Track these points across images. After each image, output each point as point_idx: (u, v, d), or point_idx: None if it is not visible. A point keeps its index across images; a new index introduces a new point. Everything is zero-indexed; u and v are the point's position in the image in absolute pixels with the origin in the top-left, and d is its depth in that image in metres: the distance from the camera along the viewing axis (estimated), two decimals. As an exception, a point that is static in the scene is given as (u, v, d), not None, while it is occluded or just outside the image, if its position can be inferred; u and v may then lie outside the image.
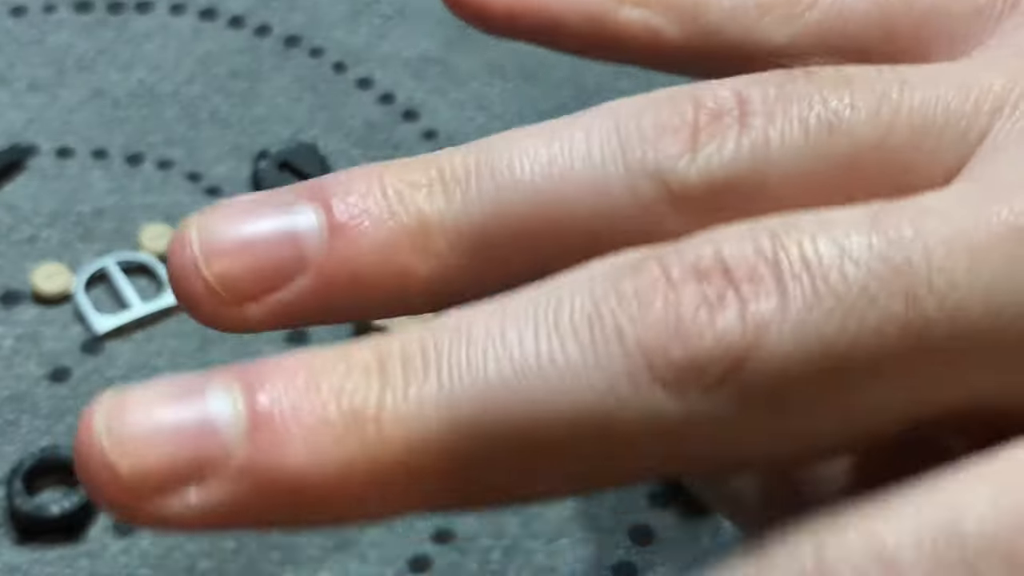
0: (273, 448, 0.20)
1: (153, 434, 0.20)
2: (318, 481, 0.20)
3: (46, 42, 0.66)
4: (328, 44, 0.66)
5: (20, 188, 0.60)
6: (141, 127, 0.62)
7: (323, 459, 0.20)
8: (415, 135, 0.62)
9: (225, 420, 0.20)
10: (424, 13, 0.68)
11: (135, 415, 0.20)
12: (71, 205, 0.59)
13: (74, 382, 0.54)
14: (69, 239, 0.58)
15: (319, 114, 0.63)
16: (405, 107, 0.64)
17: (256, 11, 0.67)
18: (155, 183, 0.60)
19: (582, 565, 0.50)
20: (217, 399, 0.21)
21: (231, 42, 0.66)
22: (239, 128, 0.62)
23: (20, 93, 0.63)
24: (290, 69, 0.65)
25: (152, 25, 0.67)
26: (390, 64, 0.65)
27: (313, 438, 0.20)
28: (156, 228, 0.58)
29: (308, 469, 0.20)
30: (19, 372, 0.54)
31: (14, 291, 0.56)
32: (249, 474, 0.20)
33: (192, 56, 0.65)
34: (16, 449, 0.52)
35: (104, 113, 0.63)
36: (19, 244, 0.58)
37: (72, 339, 0.55)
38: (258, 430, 0.20)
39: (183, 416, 0.20)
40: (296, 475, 0.20)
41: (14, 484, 0.50)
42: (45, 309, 0.56)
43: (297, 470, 0.20)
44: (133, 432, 0.20)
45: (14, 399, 0.53)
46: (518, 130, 0.25)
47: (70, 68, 0.64)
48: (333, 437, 0.21)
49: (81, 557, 0.49)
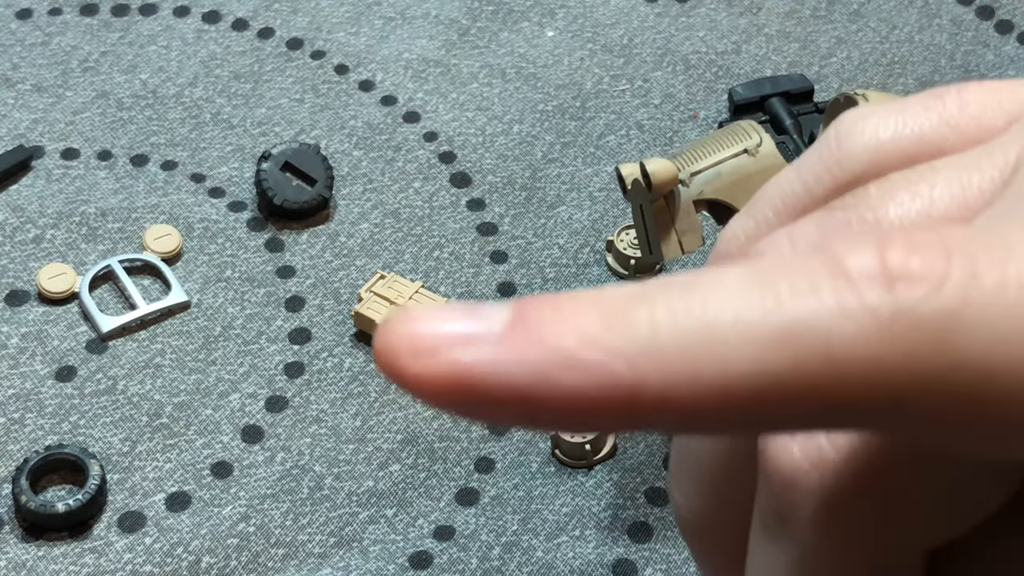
0: (535, 325, 0.23)
1: (437, 316, 0.23)
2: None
3: (51, 44, 0.66)
4: (330, 47, 0.67)
5: (25, 189, 0.60)
6: (145, 128, 0.63)
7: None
8: (416, 136, 0.63)
9: (496, 314, 0.23)
10: (425, 16, 0.68)
11: (419, 310, 0.23)
12: (76, 206, 0.60)
13: (79, 381, 0.54)
14: (74, 239, 0.58)
15: (321, 116, 0.63)
16: (406, 109, 0.64)
17: (259, 14, 0.68)
18: (159, 184, 0.61)
19: (581, 562, 0.50)
20: (494, 309, 0.23)
21: (234, 45, 0.66)
22: (242, 129, 0.63)
23: (25, 94, 0.64)
24: (292, 71, 0.65)
25: (156, 28, 0.67)
26: (391, 66, 0.66)
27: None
28: (160, 228, 0.59)
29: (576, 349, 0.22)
30: (24, 371, 0.54)
31: (20, 291, 0.57)
32: (510, 340, 0.23)
33: (196, 58, 0.66)
34: (22, 447, 0.52)
35: (109, 114, 0.63)
36: (24, 244, 0.58)
37: (77, 338, 0.55)
38: (522, 318, 0.23)
39: (459, 309, 0.23)
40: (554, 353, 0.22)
41: (20, 482, 0.50)
42: (50, 308, 0.56)
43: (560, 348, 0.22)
44: (419, 315, 0.23)
45: (20, 397, 0.54)
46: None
47: (75, 70, 0.65)
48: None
49: (86, 553, 0.50)
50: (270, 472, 0.52)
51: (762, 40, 0.67)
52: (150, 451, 0.52)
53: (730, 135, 0.50)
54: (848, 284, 0.22)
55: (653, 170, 0.47)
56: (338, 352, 0.55)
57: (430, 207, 0.60)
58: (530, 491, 0.52)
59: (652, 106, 0.64)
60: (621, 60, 0.66)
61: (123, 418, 0.53)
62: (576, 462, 0.52)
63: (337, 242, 0.59)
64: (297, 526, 0.51)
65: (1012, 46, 0.67)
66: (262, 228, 0.59)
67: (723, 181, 0.48)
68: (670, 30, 0.68)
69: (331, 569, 0.49)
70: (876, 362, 0.22)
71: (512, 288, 0.58)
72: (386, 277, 0.56)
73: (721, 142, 0.50)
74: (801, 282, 0.23)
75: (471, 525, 0.51)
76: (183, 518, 0.51)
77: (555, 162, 0.62)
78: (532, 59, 0.66)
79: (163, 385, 0.54)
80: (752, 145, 0.49)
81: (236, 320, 0.56)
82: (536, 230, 0.59)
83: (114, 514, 0.51)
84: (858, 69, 0.66)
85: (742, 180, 0.48)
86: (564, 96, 0.65)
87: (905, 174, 0.28)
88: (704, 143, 0.50)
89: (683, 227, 0.48)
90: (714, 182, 0.48)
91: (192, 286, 0.57)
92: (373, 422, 0.53)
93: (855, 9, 0.69)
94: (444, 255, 0.59)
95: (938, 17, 0.69)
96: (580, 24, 0.68)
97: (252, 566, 0.49)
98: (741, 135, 0.49)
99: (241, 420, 0.53)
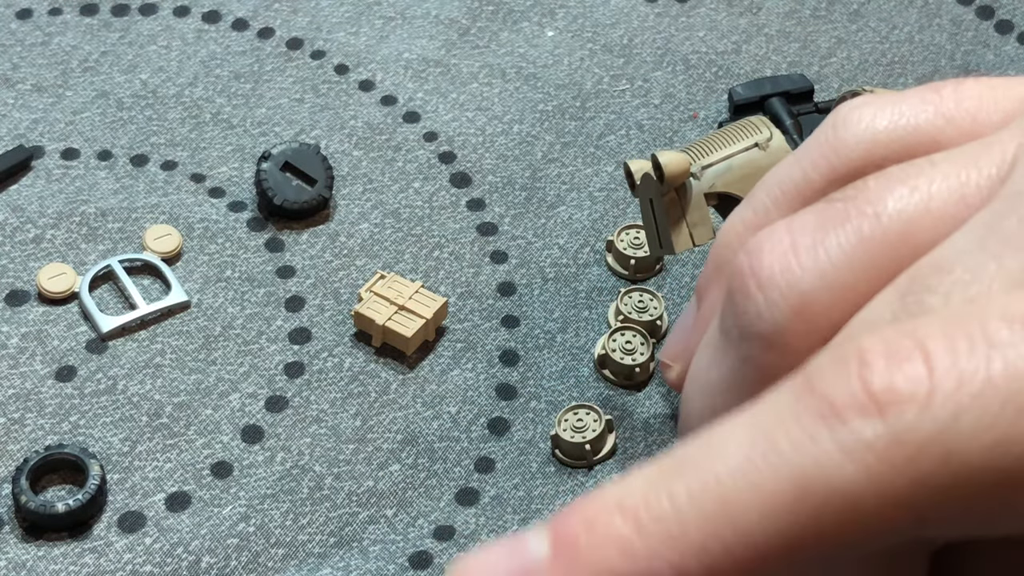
0: (574, 553, 0.24)
1: (487, 568, 0.25)
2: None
3: (51, 44, 0.66)
4: (330, 46, 0.67)
5: (25, 189, 0.60)
6: (145, 128, 0.63)
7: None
8: (416, 136, 0.63)
9: (537, 549, 0.25)
10: (425, 16, 0.68)
11: (472, 563, 0.25)
12: (76, 206, 0.60)
13: (79, 381, 0.54)
14: (74, 239, 0.58)
15: (321, 116, 0.63)
16: (406, 109, 0.64)
17: (259, 14, 0.68)
18: (159, 184, 0.61)
19: (581, 562, 0.50)
20: (533, 539, 0.25)
21: (234, 44, 0.66)
22: (242, 129, 0.63)
23: (25, 94, 0.64)
24: (292, 71, 0.65)
25: (156, 27, 0.67)
26: (391, 66, 0.66)
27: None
28: (160, 228, 0.59)
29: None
30: (24, 371, 0.54)
31: (20, 291, 0.57)
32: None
33: (196, 58, 0.66)
34: (22, 447, 0.52)
35: (109, 114, 0.63)
36: (24, 244, 0.58)
37: (77, 338, 0.55)
38: (560, 546, 0.24)
39: (505, 554, 0.25)
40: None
41: (20, 482, 0.50)
42: (50, 309, 0.56)
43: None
44: (471, 571, 0.25)
45: (20, 397, 0.54)
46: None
47: (75, 70, 0.65)
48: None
49: (86, 554, 0.50)
50: (270, 472, 0.52)
51: (762, 40, 0.67)
52: (150, 451, 0.52)
53: (740, 130, 0.50)
54: (840, 423, 0.23)
55: (666, 162, 0.47)
56: (338, 352, 0.55)
57: (430, 207, 0.60)
58: (530, 491, 0.52)
59: (652, 106, 0.64)
60: (621, 60, 0.66)
61: (123, 418, 0.53)
62: (576, 462, 0.52)
63: (337, 242, 0.59)
64: (297, 526, 0.51)
65: (1012, 46, 0.67)
66: (262, 228, 0.59)
67: (734, 175, 0.48)
68: (670, 30, 0.68)
69: (331, 569, 0.49)
70: (886, 493, 0.22)
71: (512, 288, 0.58)
72: (386, 277, 0.56)
73: (731, 136, 0.50)
74: (797, 433, 0.23)
75: (471, 525, 0.51)
76: (183, 518, 0.51)
77: (555, 162, 0.62)
78: (532, 59, 0.66)
79: (163, 385, 0.54)
80: (763, 139, 0.49)
81: (236, 320, 0.56)
82: (536, 230, 0.59)
83: (114, 514, 0.51)
84: (858, 69, 0.66)
85: (753, 174, 0.48)
86: (564, 96, 0.65)
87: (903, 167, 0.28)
88: (714, 137, 0.50)
89: (694, 219, 0.48)
90: (725, 175, 0.48)
91: (192, 286, 0.57)
92: (373, 422, 0.53)
93: (855, 9, 0.69)
94: (444, 255, 0.59)
95: (938, 17, 0.69)
96: (580, 24, 0.68)
97: (252, 566, 0.49)
98: (751, 130, 0.50)
99: (241, 420, 0.53)
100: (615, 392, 0.55)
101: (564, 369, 0.55)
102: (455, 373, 0.55)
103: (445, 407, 0.54)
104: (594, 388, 0.55)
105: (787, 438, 0.23)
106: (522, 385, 0.55)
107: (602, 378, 0.55)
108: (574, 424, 0.52)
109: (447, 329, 0.56)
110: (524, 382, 0.55)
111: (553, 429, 0.53)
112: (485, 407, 0.54)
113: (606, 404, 0.54)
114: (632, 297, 0.56)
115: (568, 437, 0.52)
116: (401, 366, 0.55)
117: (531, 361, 0.55)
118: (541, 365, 0.55)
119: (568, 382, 0.55)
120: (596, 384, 0.55)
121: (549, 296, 0.57)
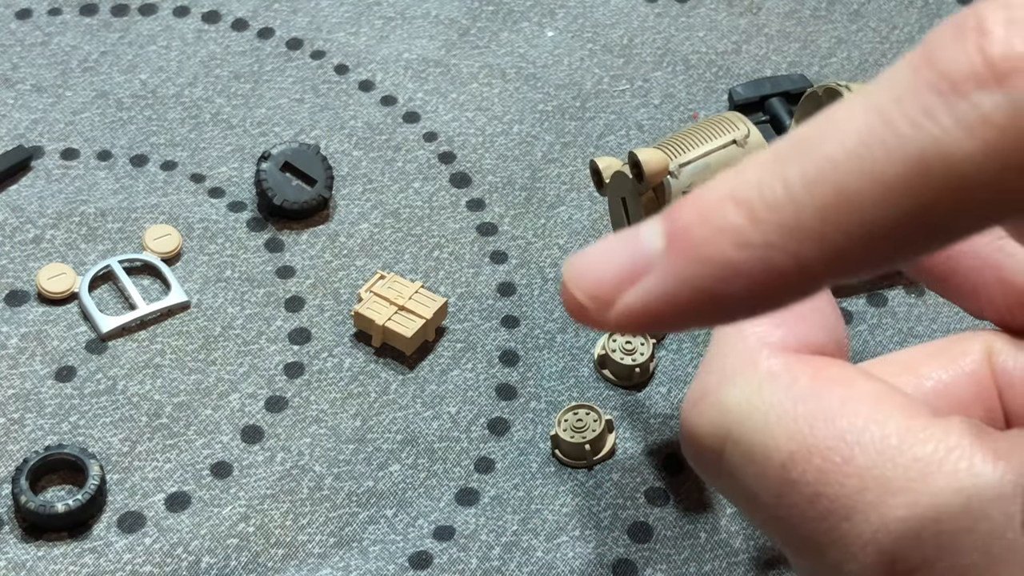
0: (688, 245, 0.24)
1: (602, 261, 0.25)
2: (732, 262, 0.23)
3: (51, 44, 0.66)
4: (330, 47, 0.67)
5: (25, 189, 0.60)
6: (145, 129, 0.63)
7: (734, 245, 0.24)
8: (416, 136, 0.63)
9: (651, 241, 0.25)
10: (425, 16, 0.68)
11: (586, 257, 0.25)
12: (76, 206, 0.60)
13: (79, 381, 0.54)
14: (74, 239, 0.58)
15: (321, 116, 0.63)
16: (406, 109, 0.64)
17: (259, 14, 0.68)
18: (159, 184, 0.61)
19: (581, 562, 0.50)
20: (646, 232, 0.25)
21: (234, 45, 0.66)
22: (242, 129, 0.63)
23: (25, 94, 0.64)
24: (292, 71, 0.65)
25: (156, 28, 0.67)
26: (391, 66, 0.66)
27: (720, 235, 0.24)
28: (160, 228, 0.58)
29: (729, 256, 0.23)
30: (24, 371, 0.54)
31: (19, 291, 0.57)
32: (671, 268, 0.24)
33: (195, 58, 0.66)
34: (21, 447, 0.52)
35: (108, 115, 0.63)
36: (24, 244, 0.58)
37: (77, 338, 0.55)
38: (674, 238, 0.24)
39: (619, 247, 0.25)
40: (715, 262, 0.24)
41: (20, 482, 0.50)
42: (50, 309, 0.56)
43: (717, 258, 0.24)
44: (587, 264, 0.25)
45: (19, 397, 0.54)
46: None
47: (75, 70, 0.65)
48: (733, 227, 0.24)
49: (86, 554, 0.50)
50: (270, 472, 0.52)
51: (762, 40, 0.67)
52: (150, 451, 0.52)
53: (716, 126, 0.49)
54: (958, 97, 0.22)
55: (646, 160, 0.46)
56: (338, 352, 0.55)
57: (430, 207, 0.60)
58: (530, 491, 0.52)
59: (652, 106, 0.64)
60: (621, 60, 0.66)
61: (123, 418, 0.53)
62: (576, 462, 0.52)
63: (337, 242, 0.59)
64: (297, 526, 0.51)
65: (1012, 46, 0.67)
66: (262, 228, 0.59)
67: (712, 172, 0.47)
68: (670, 30, 0.68)
69: (331, 569, 0.49)
70: (1006, 167, 0.22)
71: (512, 288, 0.58)
72: (386, 277, 0.56)
73: (707, 133, 0.49)
74: (915, 111, 0.22)
75: (471, 525, 0.51)
76: (183, 518, 0.51)
77: (555, 162, 0.62)
78: (532, 59, 0.66)
79: (163, 385, 0.54)
80: (740, 136, 0.49)
81: (236, 320, 0.56)
82: (536, 230, 0.59)
83: (114, 514, 0.51)
84: (858, 69, 0.66)
85: None
86: (564, 96, 0.65)
87: None
88: (689, 133, 0.49)
89: None
90: (703, 173, 0.48)
91: (192, 286, 0.57)
92: (373, 422, 0.53)
93: (855, 9, 0.69)
94: (444, 255, 0.59)
95: (938, 17, 0.69)
96: (580, 24, 0.68)
97: (252, 566, 0.49)
98: (728, 126, 0.49)
99: (241, 420, 0.53)
100: (615, 392, 0.55)
101: (564, 369, 0.55)
102: (455, 373, 0.55)
103: (445, 407, 0.54)
104: (594, 388, 0.55)
105: (904, 117, 0.22)
106: (522, 385, 0.55)
107: (602, 378, 0.55)
108: (574, 424, 0.52)
109: (447, 329, 0.56)
110: (524, 382, 0.55)
111: (553, 429, 0.53)
112: (485, 407, 0.54)
113: (606, 404, 0.54)
114: (632, 297, 0.56)
115: (568, 437, 0.52)
116: (401, 366, 0.55)
117: (531, 361, 0.55)
118: (541, 365, 0.55)
119: (568, 382, 0.55)
120: (596, 384, 0.55)
121: (549, 296, 0.57)
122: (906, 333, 0.56)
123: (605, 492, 0.52)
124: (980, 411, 0.33)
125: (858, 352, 0.55)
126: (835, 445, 0.28)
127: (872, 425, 0.28)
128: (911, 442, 0.28)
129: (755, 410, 0.29)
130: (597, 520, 0.51)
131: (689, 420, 0.31)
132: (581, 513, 0.51)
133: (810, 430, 0.28)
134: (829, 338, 0.32)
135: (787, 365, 0.30)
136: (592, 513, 0.51)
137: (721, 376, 0.31)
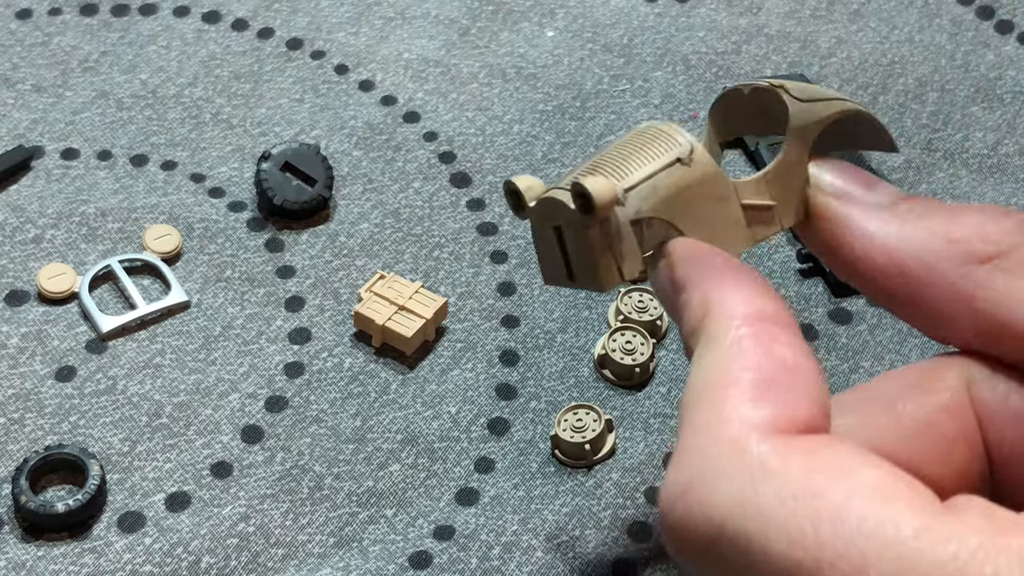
0: None
1: None
2: None
3: (51, 44, 0.66)
4: (330, 47, 0.67)
5: (25, 189, 0.60)
6: (145, 128, 0.63)
7: None
8: (416, 136, 0.63)
9: None
10: (425, 16, 0.68)
11: None
12: (76, 206, 0.60)
13: (79, 381, 0.54)
14: (74, 239, 0.58)
15: (321, 116, 0.63)
16: (406, 109, 0.64)
17: (259, 14, 0.68)
18: (159, 184, 0.61)
19: (581, 562, 0.50)
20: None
21: (234, 45, 0.66)
22: (242, 129, 0.63)
23: (25, 94, 0.64)
24: (292, 71, 0.65)
25: (156, 27, 0.67)
26: (391, 66, 0.66)
27: None
28: (160, 228, 0.59)
29: None
30: (24, 371, 0.54)
31: (19, 291, 0.57)
32: None
33: (196, 58, 0.66)
34: (21, 447, 0.52)
35: (108, 115, 0.63)
36: (24, 244, 0.58)
37: (77, 338, 0.55)
38: None
39: None
40: None
41: (19, 482, 0.50)
42: (50, 309, 0.56)
43: None
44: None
45: (19, 397, 0.54)
46: None
47: (75, 70, 0.65)
48: None
49: (86, 554, 0.50)
50: (270, 472, 0.52)
51: (762, 40, 0.67)
52: (150, 451, 0.52)
53: (652, 142, 0.41)
54: None
55: (595, 190, 0.39)
56: (338, 352, 0.55)
57: (430, 207, 0.60)
58: (530, 491, 0.52)
59: (652, 106, 0.64)
60: (621, 60, 0.66)
61: (123, 418, 0.53)
62: (576, 462, 0.52)
63: (337, 242, 0.59)
64: (297, 526, 0.51)
65: (1012, 46, 0.67)
66: (262, 228, 0.59)
67: (660, 197, 0.40)
68: (670, 30, 0.68)
69: (331, 569, 0.49)
70: None
71: (512, 288, 0.58)
72: (386, 277, 0.56)
73: (644, 151, 0.41)
74: None
75: (471, 525, 0.51)
76: (183, 518, 0.51)
77: (555, 162, 0.62)
78: (532, 59, 0.66)
79: (163, 385, 0.54)
80: (684, 153, 0.40)
81: (236, 320, 0.56)
82: (536, 230, 0.60)
83: (114, 514, 0.51)
84: (858, 69, 0.66)
85: (680, 194, 0.40)
86: (564, 96, 0.65)
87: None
88: (622, 151, 0.41)
89: (621, 251, 0.39)
90: (651, 199, 0.40)
91: (192, 286, 0.57)
92: (373, 422, 0.53)
93: (855, 9, 0.69)
94: (444, 255, 0.59)
95: (938, 17, 0.69)
96: (580, 24, 0.68)
97: (252, 566, 0.49)
98: (666, 141, 0.41)
99: (241, 420, 0.53)
100: (615, 392, 0.55)
101: (564, 369, 0.55)
102: (455, 373, 0.55)
103: (445, 407, 0.54)
104: (594, 388, 0.55)
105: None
106: (522, 385, 0.55)
107: (602, 378, 0.55)
108: (574, 424, 0.52)
109: (447, 329, 0.56)
110: (524, 382, 0.55)
111: (553, 429, 0.53)
112: (485, 407, 0.54)
113: (606, 404, 0.54)
114: (632, 297, 0.56)
115: (568, 437, 0.52)
116: (401, 366, 0.55)
117: (531, 361, 0.55)
118: (541, 365, 0.55)
119: (568, 382, 0.55)
120: (596, 384, 0.55)
121: (549, 296, 0.57)
122: (906, 333, 0.56)
123: (605, 492, 0.52)
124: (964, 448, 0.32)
125: (858, 352, 0.55)
126: (845, 552, 0.27)
127: (886, 527, 0.27)
128: (930, 541, 0.27)
129: (750, 505, 0.28)
130: (597, 520, 0.51)
131: (674, 513, 0.30)
132: (581, 513, 0.51)
133: (814, 534, 0.27)
134: (814, 403, 0.31)
135: (778, 452, 0.29)
136: (592, 513, 0.51)
137: (705, 466, 0.29)
